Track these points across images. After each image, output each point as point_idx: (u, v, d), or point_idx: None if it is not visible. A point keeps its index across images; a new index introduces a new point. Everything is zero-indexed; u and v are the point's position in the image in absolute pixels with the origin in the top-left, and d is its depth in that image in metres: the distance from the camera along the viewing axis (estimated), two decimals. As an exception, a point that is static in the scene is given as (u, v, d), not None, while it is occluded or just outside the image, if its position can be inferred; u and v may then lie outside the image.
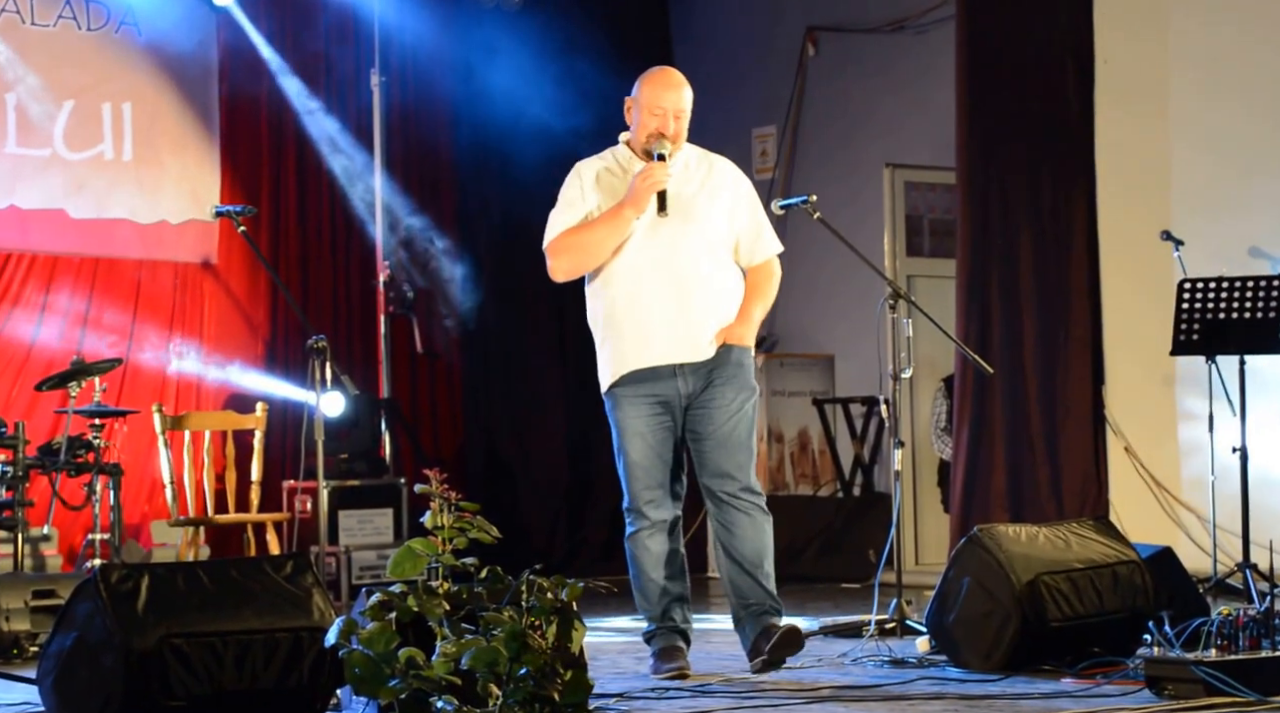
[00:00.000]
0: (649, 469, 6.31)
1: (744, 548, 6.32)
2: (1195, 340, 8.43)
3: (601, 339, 6.34)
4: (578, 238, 6.29)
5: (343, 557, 9.82)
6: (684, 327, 6.22)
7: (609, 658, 6.88)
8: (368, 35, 11.11)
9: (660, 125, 6.32)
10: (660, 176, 6.19)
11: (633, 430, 6.28)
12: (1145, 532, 9.27)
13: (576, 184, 6.41)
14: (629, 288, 6.25)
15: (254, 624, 5.03)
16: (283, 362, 10.70)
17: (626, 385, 6.26)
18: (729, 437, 6.28)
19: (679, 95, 6.41)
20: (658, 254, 6.23)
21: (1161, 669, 5.43)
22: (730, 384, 6.27)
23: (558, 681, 4.20)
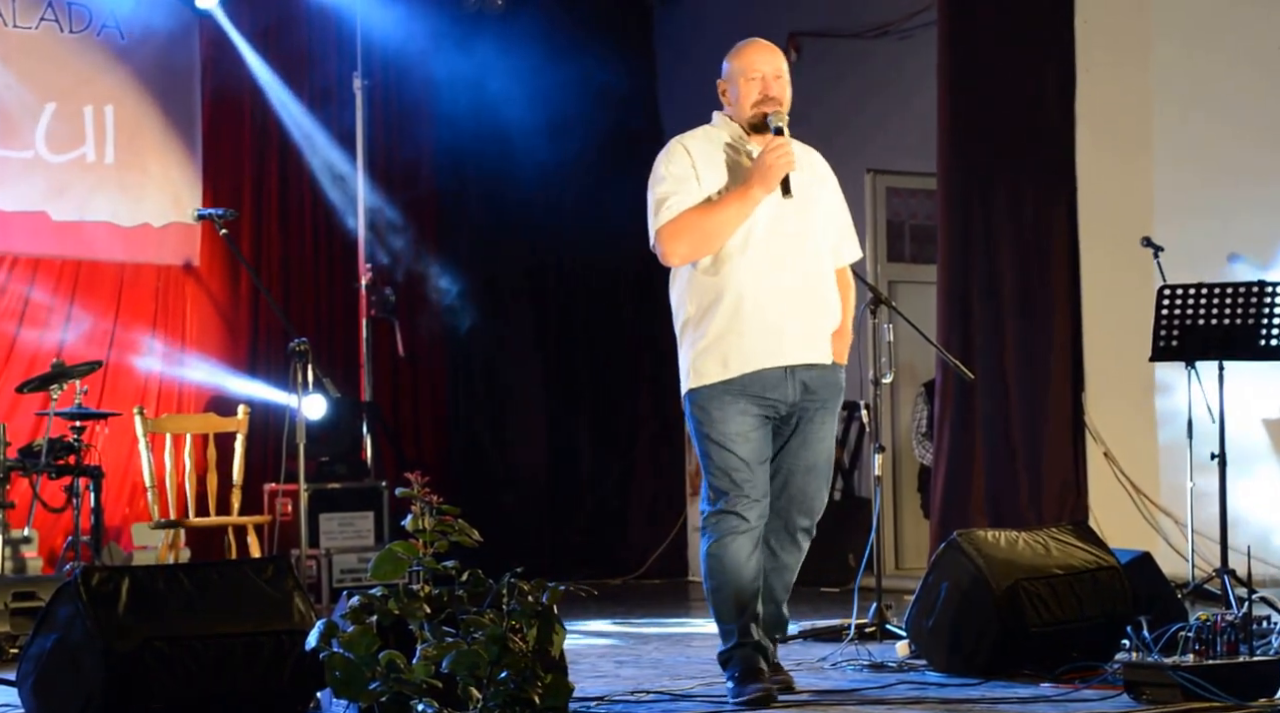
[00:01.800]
0: (757, 470, 5.73)
1: (783, 580, 5.90)
2: (1175, 346, 8.45)
3: (711, 332, 5.75)
4: (703, 219, 5.71)
5: (323, 560, 9.82)
6: (808, 326, 5.78)
7: (589, 662, 6.89)
8: (350, 38, 11.11)
9: (763, 88, 5.78)
10: (791, 154, 5.67)
11: (737, 427, 5.72)
12: (1124, 537, 9.29)
13: (685, 160, 5.82)
14: (757, 279, 5.70)
15: (234, 627, 5.04)
16: (264, 365, 10.69)
17: (742, 385, 5.71)
18: (817, 465, 5.85)
19: (774, 57, 5.85)
20: (787, 244, 5.75)
21: (1139, 674, 5.45)
22: (830, 410, 5.87)
23: (538, 684, 4.21)
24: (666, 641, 7.81)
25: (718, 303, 5.74)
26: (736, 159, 5.79)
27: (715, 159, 5.80)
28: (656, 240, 5.80)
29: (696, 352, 5.78)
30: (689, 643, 7.68)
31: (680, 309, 5.89)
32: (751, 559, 5.74)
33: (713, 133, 5.90)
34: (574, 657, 6.06)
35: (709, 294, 5.76)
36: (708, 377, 5.75)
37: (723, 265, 5.73)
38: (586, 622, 8.45)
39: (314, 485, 9.68)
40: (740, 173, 5.74)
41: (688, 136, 5.89)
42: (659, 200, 5.80)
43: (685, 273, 5.85)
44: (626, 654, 7.22)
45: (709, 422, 5.75)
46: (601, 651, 7.38)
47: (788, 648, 7.18)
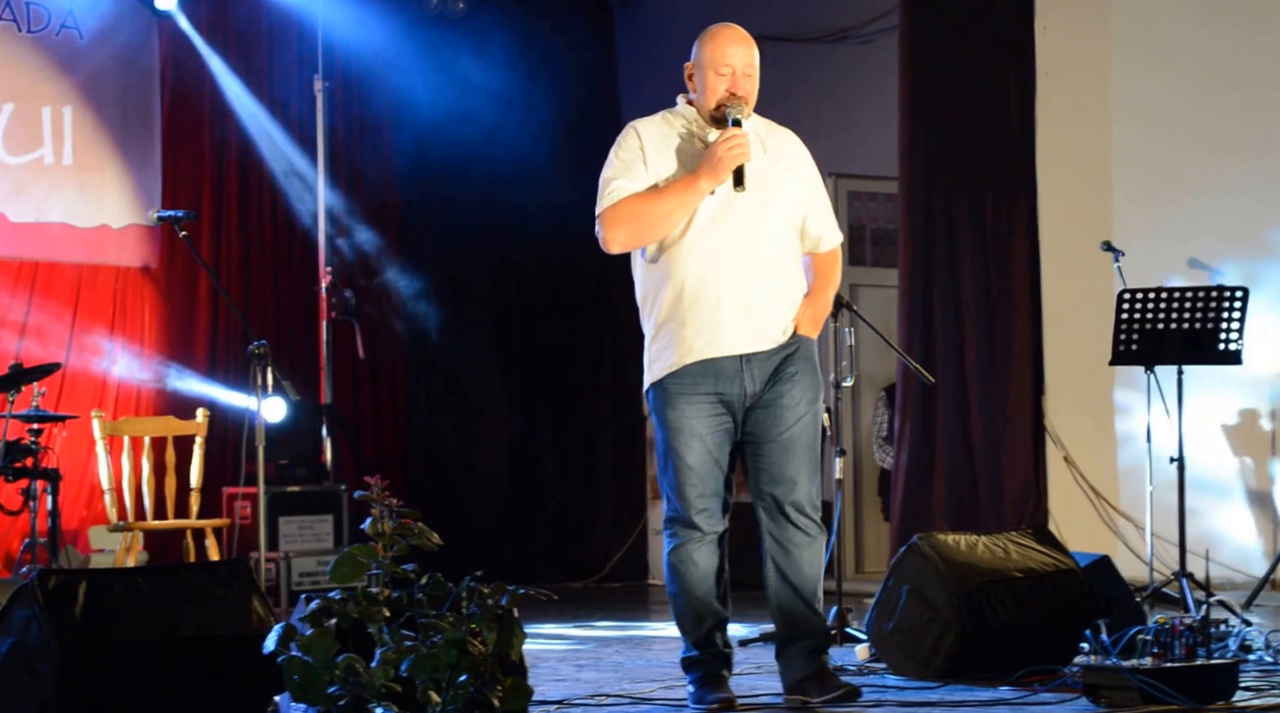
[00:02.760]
0: (705, 475, 5.61)
1: (802, 572, 5.65)
2: (1134, 351, 8.49)
3: (657, 325, 5.62)
4: (644, 207, 5.54)
5: (282, 563, 9.79)
6: (755, 317, 5.56)
7: (549, 665, 6.88)
8: (311, 40, 11.08)
9: (730, 85, 5.59)
10: (745, 146, 5.48)
11: (689, 431, 5.56)
12: (1083, 541, 9.32)
13: (634, 144, 5.65)
14: (697, 269, 5.54)
15: (192, 631, 5.02)
16: (224, 367, 10.66)
17: (684, 379, 5.56)
18: (794, 441, 5.62)
19: (746, 51, 5.66)
20: (731, 233, 5.55)
21: (1098, 677, 5.47)
22: (799, 383, 5.62)
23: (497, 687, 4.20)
24: (627, 644, 7.80)
25: (660, 293, 5.62)
26: (690, 147, 5.62)
27: (669, 145, 5.64)
28: (598, 224, 5.63)
29: (649, 342, 5.67)
30: (649, 647, 7.68)
31: (638, 299, 5.77)
32: (711, 568, 5.65)
33: (671, 118, 5.74)
34: (534, 660, 6.06)
35: (656, 286, 5.64)
36: (656, 371, 5.63)
37: (665, 255, 5.60)
38: (547, 625, 8.45)
39: (273, 488, 9.65)
40: (691, 161, 5.58)
41: (643, 121, 5.74)
42: (603, 184, 5.65)
43: (638, 263, 5.73)
44: (587, 658, 7.22)
45: (663, 421, 5.64)
46: (561, 654, 7.38)
47: (746, 651, 7.19)
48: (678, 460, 5.61)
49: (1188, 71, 10.18)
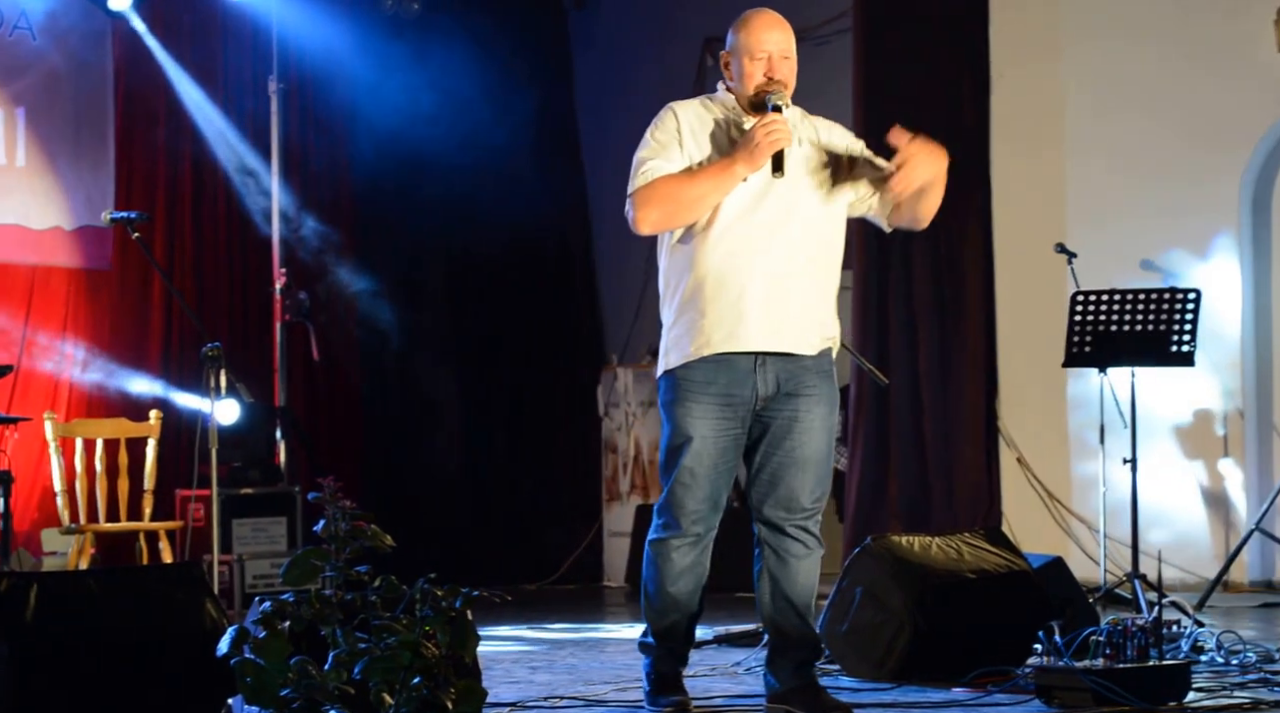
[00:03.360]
0: (703, 480, 5.43)
1: (797, 586, 5.49)
2: (1087, 352, 8.53)
3: (676, 311, 5.45)
4: (677, 189, 5.36)
5: (236, 565, 9.76)
6: (778, 314, 5.38)
7: (503, 667, 6.88)
8: (265, 41, 11.04)
9: (767, 70, 5.39)
10: (785, 132, 5.28)
11: (693, 431, 5.38)
12: (1037, 542, 9.38)
13: (672, 125, 5.45)
14: (724, 258, 5.36)
15: (145, 633, 4.99)
16: (178, 369, 10.61)
17: (697, 372, 5.38)
18: (807, 460, 5.44)
19: (783, 36, 5.43)
20: (763, 225, 5.37)
21: (1051, 678, 5.49)
22: (821, 399, 5.47)
23: (451, 689, 4.19)
24: (581, 646, 7.80)
25: (684, 279, 5.43)
26: (727, 134, 5.44)
27: (705, 129, 5.45)
28: (629, 204, 5.48)
29: (667, 330, 5.50)
30: (603, 648, 7.68)
31: (661, 285, 5.59)
32: (687, 568, 5.51)
33: (710, 104, 5.54)
34: (488, 662, 6.05)
35: (678, 270, 5.46)
36: (670, 360, 5.46)
37: (695, 241, 5.41)
38: (501, 627, 8.44)
39: (227, 491, 9.61)
40: (728, 148, 5.40)
41: (681, 104, 5.54)
42: (637, 164, 5.47)
43: (664, 247, 5.53)
44: (540, 660, 7.22)
45: (670, 416, 5.45)
46: (516, 656, 7.37)
47: (701, 653, 7.19)
48: (679, 461, 5.42)
49: (1142, 76, 10.23)
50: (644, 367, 11.78)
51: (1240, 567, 9.69)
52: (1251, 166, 10.12)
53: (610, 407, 11.92)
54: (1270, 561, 9.91)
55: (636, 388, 11.74)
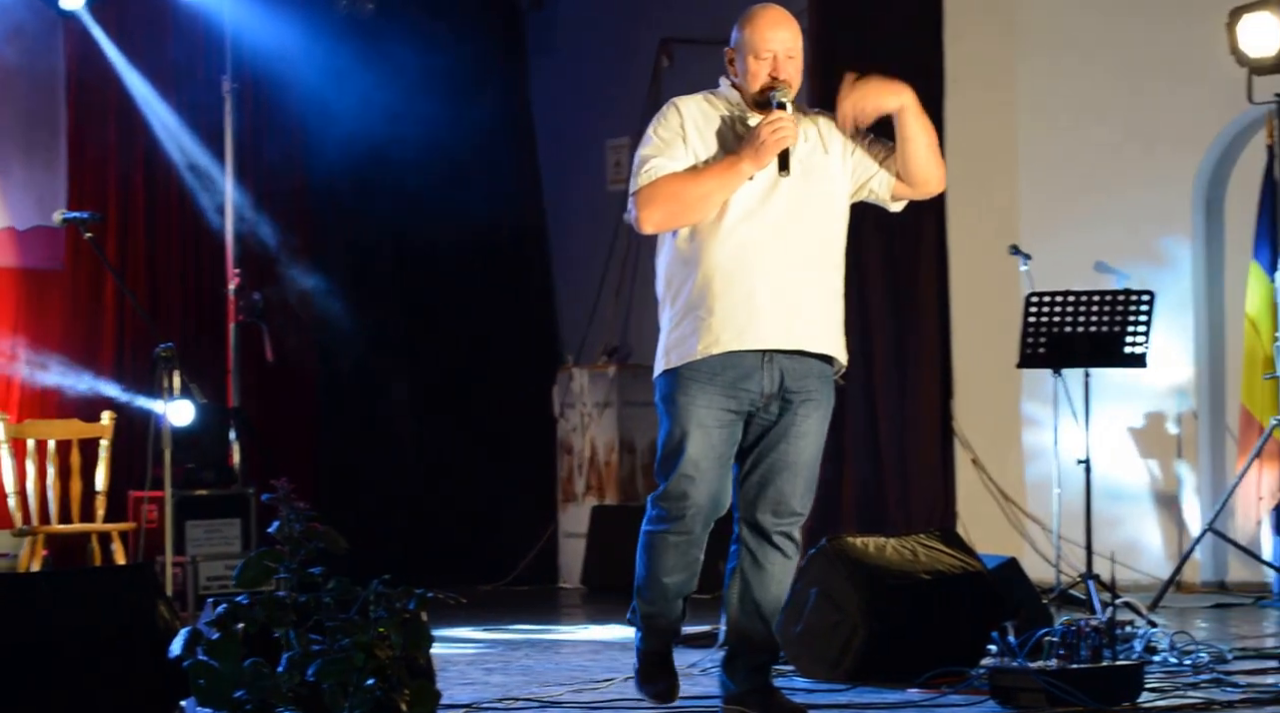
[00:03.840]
0: (708, 473, 5.35)
1: (769, 593, 5.47)
2: (1041, 353, 8.56)
3: (682, 311, 5.36)
4: (682, 188, 5.27)
5: (189, 567, 9.72)
6: (786, 313, 5.32)
7: (458, 669, 6.87)
8: (218, 40, 10.99)
9: (773, 69, 5.33)
10: (791, 130, 5.24)
11: (699, 424, 5.30)
12: (991, 542, 9.41)
13: (676, 122, 5.37)
14: (731, 258, 5.28)
15: (97, 635, 4.97)
16: (130, 370, 10.56)
17: (703, 370, 5.31)
18: (798, 464, 5.39)
19: (788, 34, 5.37)
20: (770, 224, 5.31)
21: (1005, 679, 5.51)
22: (818, 403, 5.42)
23: (405, 691, 4.18)
24: (536, 648, 7.80)
25: (690, 279, 5.33)
26: (732, 130, 5.37)
27: (710, 126, 5.37)
28: (632, 204, 5.36)
29: (669, 329, 5.41)
30: (559, 650, 7.68)
31: (659, 281, 5.50)
32: (683, 565, 5.45)
33: (714, 99, 5.46)
34: (442, 664, 6.04)
35: (684, 271, 5.36)
36: (674, 359, 5.37)
37: (700, 239, 5.31)
38: (455, 628, 8.42)
39: (180, 492, 9.58)
40: (733, 146, 5.33)
41: (684, 99, 5.45)
42: (641, 161, 5.37)
43: (666, 248, 5.44)
44: (495, 662, 7.21)
45: (670, 407, 5.37)
46: (470, 658, 7.36)
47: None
48: (683, 454, 5.33)
49: (1094, 79, 10.28)
50: (600, 368, 11.78)
51: (1193, 567, 9.74)
52: (1204, 169, 10.18)
53: (566, 408, 11.92)
54: (1223, 561, 9.96)
55: (592, 389, 11.74)
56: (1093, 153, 10.25)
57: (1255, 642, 7.25)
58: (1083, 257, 10.21)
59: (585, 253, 12.52)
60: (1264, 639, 7.41)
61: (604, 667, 6.83)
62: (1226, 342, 10.13)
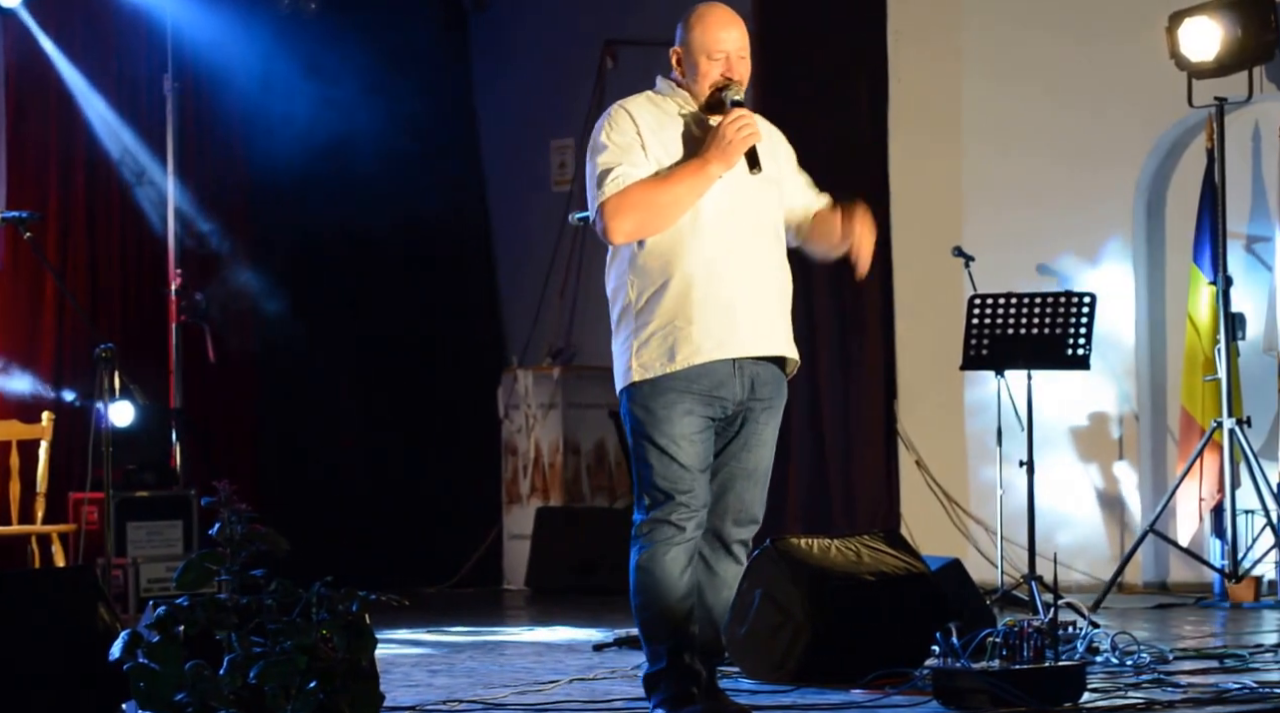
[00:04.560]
0: (694, 474, 5.18)
1: (720, 598, 5.36)
2: (985, 355, 8.58)
3: (656, 318, 5.18)
4: (653, 194, 5.12)
5: (130, 569, 9.66)
6: (763, 320, 5.25)
7: (402, 671, 6.85)
8: (160, 39, 10.93)
9: (725, 70, 5.24)
10: (755, 127, 5.15)
11: (680, 427, 5.16)
12: (935, 544, 9.44)
13: (629, 127, 5.21)
14: (707, 264, 5.16)
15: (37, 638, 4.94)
16: (70, 371, 10.49)
17: (681, 378, 5.15)
18: (758, 469, 5.33)
19: (739, 34, 5.28)
20: (740, 227, 5.22)
21: (948, 680, 5.52)
22: (776, 410, 5.35)
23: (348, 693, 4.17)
24: (480, 649, 7.79)
25: (664, 288, 5.16)
26: (688, 130, 5.25)
27: (662, 128, 5.24)
28: (599, 215, 5.16)
29: (639, 341, 5.20)
30: (503, 652, 7.67)
31: (619, 294, 5.29)
32: (686, 574, 5.22)
33: (659, 99, 5.33)
34: (386, 666, 6.02)
35: (654, 278, 5.18)
36: (651, 370, 5.17)
37: (670, 246, 5.17)
38: (399, 631, 8.40)
39: (121, 493, 9.52)
40: (692, 146, 5.21)
41: (630, 101, 5.30)
42: (603, 171, 5.17)
43: (626, 254, 5.25)
44: (439, 663, 7.20)
45: (652, 421, 5.18)
46: (414, 660, 7.34)
47: (602, 655, 7.20)
48: (672, 465, 5.16)
49: (1036, 86, 10.32)
50: (544, 369, 11.77)
51: (1135, 568, 9.79)
52: (1145, 173, 10.24)
53: (510, 409, 11.90)
54: (1164, 562, 10.02)
55: (537, 390, 11.73)
56: (1036, 156, 10.29)
57: (1196, 642, 7.29)
58: (1025, 259, 10.25)
59: (530, 254, 12.51)
60: (1205, 640, 7.45)
61: (549, 669, 6.83)
62: (1167, 344, 10.19)
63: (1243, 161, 9.93)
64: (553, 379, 11.68)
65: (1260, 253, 9.88)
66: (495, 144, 12.81)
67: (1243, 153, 9.93)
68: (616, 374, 5.29)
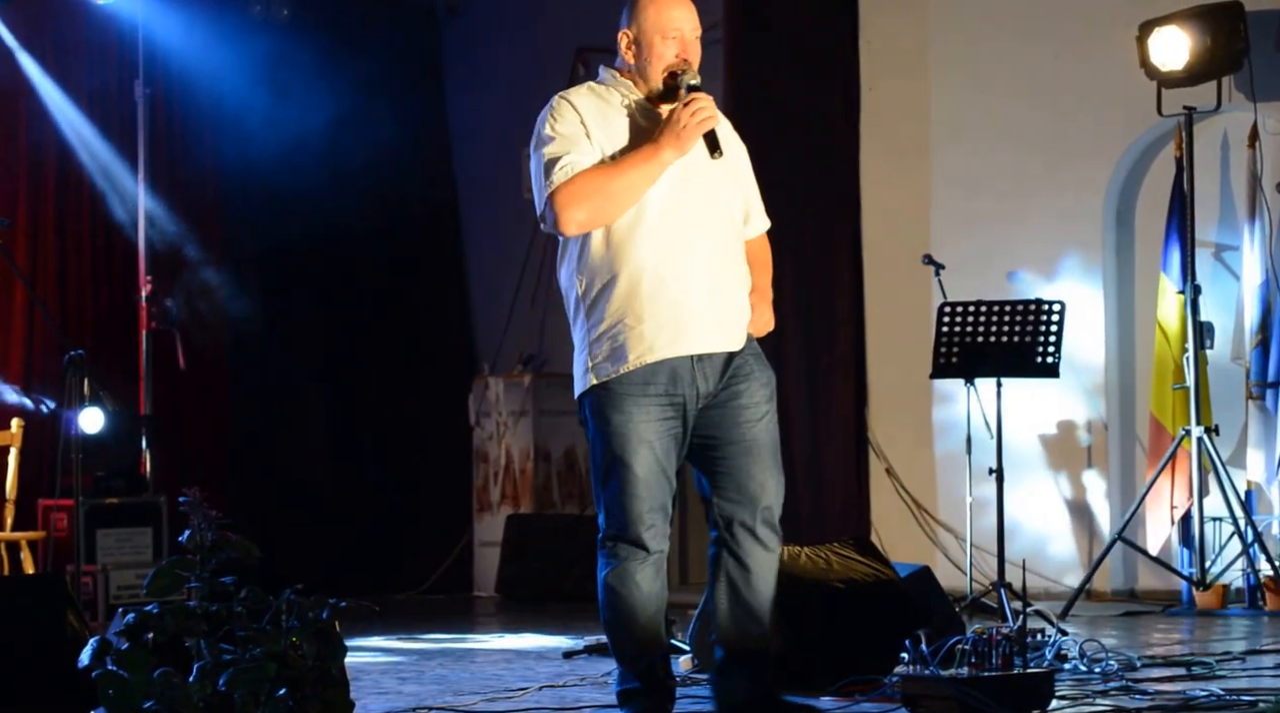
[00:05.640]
0: (653, 487, 5.00)
1: (757, 590, 5.14)
2: (954, 363, 8.61)
3: (605, 320, 5.04)
4: (603, 182, 4.94)
5: (100, 576, 9.64)
6: (719, 313, 5.06)
7: (371, 678, 6.84)
8: (131, 45, 10.91)
9: (681, 51, 5.08)
10: (712, 110, 4.97)
11: (637, 437, 4.97)
12: (905, 551, 9.45)
13: (573, 117, 5.05)
14: (657, 258, 5.00)
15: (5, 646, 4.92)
16: (40, 378, 10.46)
17: (634, 380, 4.98)
18: (757, 442, 5.08)
19: (692, 15, 5.14)
20: (691, 219, 5.04)
21: (917, 687, 5.53)
22: (755, 379, 5.09)
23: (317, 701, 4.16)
24: (450, 657, 7.78)
25: (613, 283, 5.00)
26: (633, 120, 5.09)
27: (608, 119, 5.07)
28: (549, 205, 4.97)
29: (591, 341, 5.06)
30: (473, 659, 7.66)
31: (570, 292, 5.14)
32: (654, 592, 5.07)
33: (601, 90, 5.17)
34: (356, 673, 6.00)
35: (602, 272, 5.02)
36: (604, 372, 5.02)
37: (618, 238, 5.00)
38: (370, 638, 8.39)
39: (90, 500, 9.50)
40: (639, 135, 5.04)
41: (572, 92, 5.15)
42: (549, 160, 5.00)
43: (574, 249, 5.09)
44: (409, 671, 7.19)
45: (605, 426, 5.02)
46: (384, 667, 7.33)
47: (572, 663, 7.19)
48: (624, 471, 4.99)
49: (1007, 95, 10.34)
50: (515, 377, 11.77)
51: (1103, 575, 9.81)
52: (1114, 181, 10.27)
53: (481, 416, 11.90)
54: (1133, 570, 10.05)
55: (508, 398, 11.73)
56: (1006, 165, 10.32)
57: (1164, 650, 7.31)
58: (995, 268, 10.28)
59: (501, 262, 12.50)
60: (1173, 647, 7.47)
61: (518, 676, 6.83)
62: (1136, 352, 10.22)
63: (1211, 170, 9.97)
64: (523, 387, 11.68)
65: (1229, 262, 9.92)
66: (467, 151, 12.81)
67: (1211, 162, 9.97)
68: (575, 379, 5.16)
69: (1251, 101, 9.68)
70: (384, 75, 11.99)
